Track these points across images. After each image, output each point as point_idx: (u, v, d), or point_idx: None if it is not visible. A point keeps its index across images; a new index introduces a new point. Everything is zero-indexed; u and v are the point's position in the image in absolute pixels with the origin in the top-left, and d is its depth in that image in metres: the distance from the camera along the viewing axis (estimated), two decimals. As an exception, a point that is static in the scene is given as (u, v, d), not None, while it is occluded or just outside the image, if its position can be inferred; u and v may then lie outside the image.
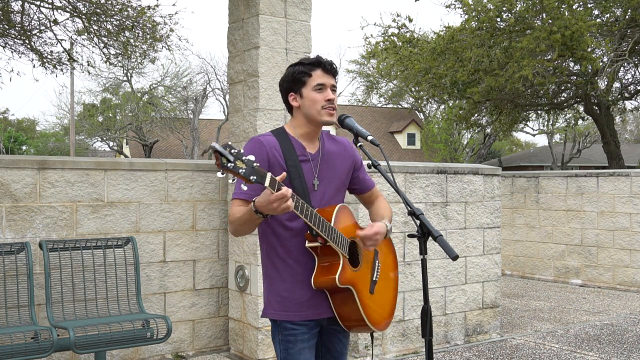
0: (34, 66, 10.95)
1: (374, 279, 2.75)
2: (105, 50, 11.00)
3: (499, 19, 12.98)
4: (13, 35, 10.54)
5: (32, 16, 10.37)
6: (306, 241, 2.64)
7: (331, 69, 2.73)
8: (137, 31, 10.62)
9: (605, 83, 13.60)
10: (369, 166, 2.79)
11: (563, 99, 16.28)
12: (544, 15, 12.43)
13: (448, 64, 13.99)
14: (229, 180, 2.29)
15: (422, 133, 35.53)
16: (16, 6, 10.29)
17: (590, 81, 13.16)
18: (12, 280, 4.83)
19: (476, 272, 6.45)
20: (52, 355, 4.89)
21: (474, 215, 6.44)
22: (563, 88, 15.59)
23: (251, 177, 2.26)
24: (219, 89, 33.12)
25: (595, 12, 13.21)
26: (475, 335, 6.41)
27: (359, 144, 2.80)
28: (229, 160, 2.22)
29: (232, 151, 2.24)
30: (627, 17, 12.91)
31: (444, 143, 30.32)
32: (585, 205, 9.92)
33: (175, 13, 14.62)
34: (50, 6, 9.94)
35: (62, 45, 11.09)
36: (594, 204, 9.81)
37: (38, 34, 10.75)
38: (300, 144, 2.73)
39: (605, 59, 13.11)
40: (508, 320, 7.38)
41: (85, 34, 10.80)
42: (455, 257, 2.41)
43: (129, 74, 28.68)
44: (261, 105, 5.38)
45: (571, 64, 14.46)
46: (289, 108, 2.79)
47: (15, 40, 10.71)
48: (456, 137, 31.07)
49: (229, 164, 2.22)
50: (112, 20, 10.32)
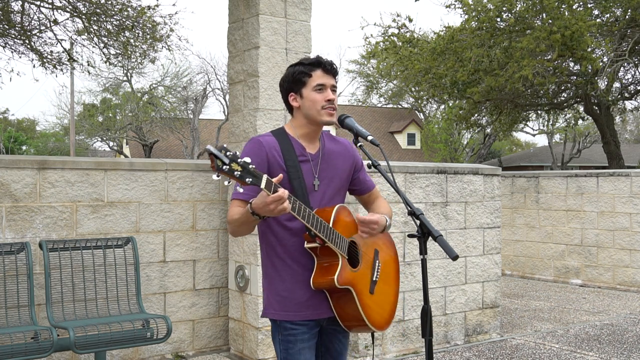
0: (34, 66, 10.96)
1: (374, 279, 2.75)
2: (105, 50, 11.00)
3: (499, 19, 12.98)
4: (13, 35, 10.55)
5: (32, 16, 10.38)
6: (305, 242, 2.65)
7: (331, 69, 2.73)
8: (137, 31, 10.62)
9: (605, 83, 13.59)
10: (369, 166, 2.78)
11: (563, 99, 16.28)
12: (544, 15, 12.43)
13: (448, 64, 13.99)
14: (225, 183, 2.29)
15: (422, 133, 35.53)
16: (16, 6, 10.29)
17: (590, 81, 13.16)
18: (12, 280, 4.83)
19: (476, 272, 6.45)
20: (52, 355, 4.89)
21: (474, 215, 6.44)
22: (563, 88, 15.59)
23: (247, 179, 2.26)
24: (219, 89, 33.15)
25: (595, 12, 13.21)
26: (475, 335, 6.41)
27: (359, 144, 2.80)
28: (224, 163, 2.21)
29: (228, 153, 2.23)
30: (627, 17, 12.91)
31: (444, 143, 30.31)
32: (585, 205, 9.92)
33: (175, 13, 14.62)
34: (50, 6, 9.94)
35: (62, 45, 11.10)
36: (594, 204, 9.81)
37: (38, 34, 10.75)
38: (300, 144, 2.73)
39: (605, 59, 13.11)
40: (508, 320, 7.38)
41: (85, 34, 10.80)
42: (455, 257, 2.40)
43: (129, 74, 28.69)
44: (261, 105, 5.38)
45: (571, 64, 14.45)
46: (289, 108, 2.79)
47: (15, 40, 10.71)
48: (456, 137, 31.07)
49: (224, 167, 2.22)
50: (112, 20, 10.32)
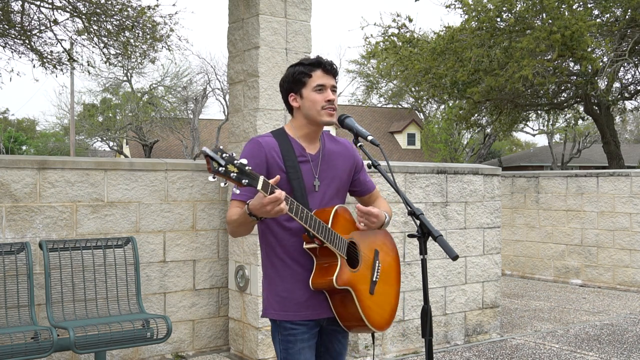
0: (34, 66, 10.96)
1: (374, 279, 2.74)
2: (105, 50, 11.00)
3: (499, 19, 12.98)
4: (13, 35, 10.55)
5: (32, 16, 10.38)
6: (304, 242, 2.65)
7: (331, 69, 2.73)
8: (137, 31, 10.62)
9: (605, 83, 13.59)
10: (369, 166, 2.78)
11: (563, 99, 16.28)
12: (544, 15, 12.43)
13: (448, 64, 13.99)
14: (221, 184, 2.29)
15: (422, 133, 35.53)
16: (16, 6, 10.30)
17: (590, 81, 13.16)
18: (12, 280, 4.83)
19: (476, 272, 6.45)
20: (52, 355, 4.89)
21: (474, 215, 6.44)
22: (563, 88, 15.59)
23: (243, 181, 2.26)
24: (219, 89, 33.17)
25: (595, 12, 13.21)
26: (475, 335, 6.41)
27: (359, 144, 2.80)
28: (220, 165, 2.22)
29: (224, 155, 2.23)
30: (627, 17, 12.91)
31: (444, 143, 30.31)
32: (585, 205, 9.92)
33: (175, 13, 14.63)
34: (50, 6, 9.94)
35: (62, 45, 11.10)
36: (594, 204, 9.81)
37: (38, 34, 10.75)
38: (299, 145, 2.73)
39: (605, 59, 13.11)
40: (508, 320, 7.38)
41: (85, 34, 10.80)
42: (455, 257, 2.40)
43: (129, 74, 28.69)
44: (261, 105, 5.38)
45: (571, 64, 14.45)
46: (289, 109, 2.79)
47: (15, 40, 10.71)
48: (456, 137, 31.07)
49: (220, 168, 2.22)
50: (112, 20, 10.32)
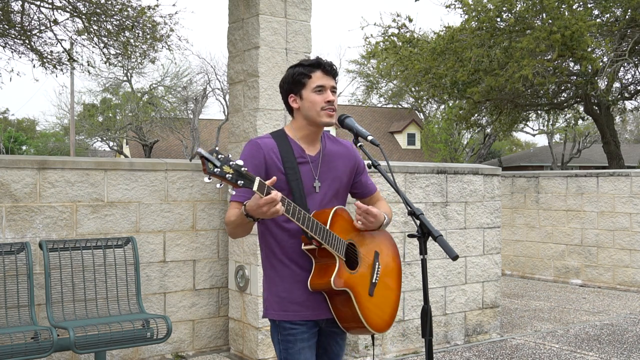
0: (34, 66, 10.96)
1: (374, 281, 2.73)
2: (105, 50, 11.00)
3: (499, 19, 12.98)
4: (13, 35, 10.55)
5: (32, 16, 10.38)
6: (302, 243, 2.65)
7: (331, 70, 2.72)
8: (137, 31, 10.62)
9: (605, 83, 13.59)
10: (369, 166, 2.78)
11: (563, 99, 16.28)
12: (544, 15, 12.43)
13: (448, 64, 13.99)
14: (217, 185, 2.30)
15: (422, 133, 35.53)
16: (16, 6, 10.30)
17: (590, 81, 13.16)
18: (12, 280, 4.83)
19: (476, 272, 6.45)
20: (52, 355, 4.89)
21: (474, 215, 6.44)
22: (563, 88, 15.59)
23: (239, 182, 2.26)
24: (219, 89, 33.16)
25: (595, 12, 13.21)
26: (475, 335, 6.41)
27: (359, 144, 2.79)
28: (215, 166, 2.22)
29: (219, 156, 2.24)
30: (627, 17, 12.91)
31: (444, 143, 30.31)
32: (585, 205, 9.92)
33: (175, 13, 14.63)
34: (50, 6, 9.94)
35: (62, 45, 11.10)
36: (594, 204, 9.81)
37: (38, 34, 10.75)
38: (299, 146, 2.73)
39: (605, 59, 13.11)
40: (508, 320, 7.38)
41: (85, 34, 10.81)
42: (455, 257, 2.40)
43: (129, 74, 28.70)
44: (261, 105, 5.38)
45: (571, 64, 14.45)
46: (290, 110, 2.78)
47: (15, 40, 10.71)
48: (456, 137, 31.07)
49: (215, 169, 2.22)
50: (112, 20, 10.33)
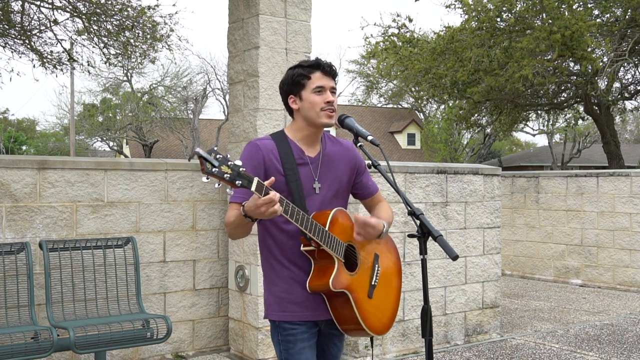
0: (34, 66, 10.96)
1: (373, 283, 2.72)
2: (105, 50, 11.00)
3: (499, 19, 12.98)
4: (13, 35, 10.55)
5: (32, 16, 10.38)
6: (301, 244, 2.65)
7: (330, 71, 2.72)
8: (137, 31, 10.62)
9: (605, 83, 13.60)
10: (369, 166, 2.78)
11: (563, 99, 16.28)
12: (544, 15, 12.43)
13: (448, 64, 13.99)
14: (215, 185, 2.30)
15: (422, 133, 35.54)
16: (16, 6, 10.30)
17: (590, 81, 13.16)
18: (12, 280, 4.83)
19: (476, 272, 6.45)
20: (52, 355, 4.89)
21: (474, 215, 6.44)
22: (563, 88, 15.59)
23: (237, 182, 2.26)
24: (219, 89, 33.17)
25: (595, 12, 13.21)
26: (475, 335, 6.41)
27: (359, 144, 2.79)
28: (214, 166, 2.22)
29: (217, 156, 2.24)
30: (627, 17, 12.91)
31: (444, 143, 30.32)
32: (585, 205, 9.92)
33: (175, 13, 14.62)
34: (50, 6, 9.94)
35: (62, 45, 11.10)
36: (594, 204, 9.81)
37: (38, 34, 10.75)
38: (298, 147, 2.73)
39: (605, 59, 13.11)
40: (508, 320, 7.38)
41: (85, 34, 10.81)
42: (455, 257, 2.40)
43: (129, 74, 28.70)
44: (261, 105, 5.38)
45: (571, 64, 14.45)
46: (290, 111, 2.79)
47: (15, 40, 10.71)
48: (456, 137, 31.07)
49: (214, 169, 2.22)
50: (112, 20, 10.33)
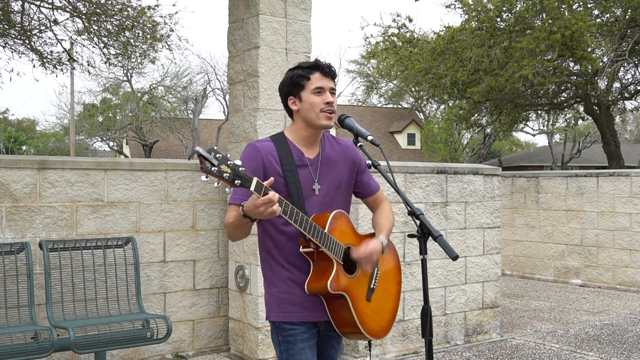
0: (34, 66, 10.96)
1: (372, 286, 2.72)
2: (105, 50, 11.01)
3: (499, 19, 12.98)
4: (13, 35, 10.55)
5: (32, 16, 10.38)
6: (300, 246, 2.65)
7: (330, 71, 2.72)
8: (137, 31, 10.62)
9: (605, 83, 13.60)
10: (369, 166, 2.78)
11: (563, 99, 16.28)
12: (544, 15, 12.43)
13: (448, 64, 13.99)
14: (214, 184, 2.31)
15: (422, 133, 35.54)
16: (16, 6, 10.30)
17: (590, 81, 13.16)
18: (12, 280, 4.83)
19: (476, 272, 6.45)
20: (52, 355, 4.89)
21: (474, 215, 6.44)
22: (563, 88, 15.59)
23: (236, 181, 2.27)
24: (219, 89, 33.17)
25: (595, 12, 13.21)
26: (475, 335, 6.41)
27: (359, 144, 2.80)
28: (213, 165, 2.23)
29: (217, 155, 2.25)
30: (627, 17, 12.91)
31: (444, 143, 30.32)
32: (585, 205, 9.92)
33: (175, 13, 14.61)
34: (50, 6, 9.94)
35: (62, 45, 11.10)
36: (594, 204, 9.81)
37: (38, 34, 10.75)
38: (298, 149, 2.73)
39: (605, 59, 13.12)
40: (508, 320, 7.38)
41: (85, 34, 10.81)
42: (455, 257, 2.40)
43: (129, 74, 28.71)
44: (261, 105, 5.38)
45: (571, 64, 14.46)
46: (289, 112, 2.79)
47: (15, 40, 10.71)
48: (456, 137, 31.07)
49: (213, 168, 2.23)
50: (112, 20, 10.33)
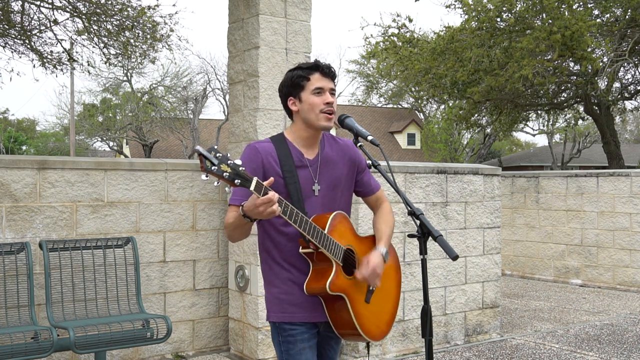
0: (34, 66, 10.97)
1: (371, 288, 2.72)
2: (105, 50, 11.01)
3: (499, 19, 12.98)
4: (13, 35, 10.55)
5: (32, 16, 10.39)
6: (300, 247, 2.65)
7: (329, 72, 2.72)
8: (137, 31, 10.62)
9: (605, 83, 13.60)
10: (369, 166, 2.78)
11: (563, 99, 16.28)
12: (544, 15, 12.44)
13: (448, 64, 14.00)
14: (214, 184, 2.32)
15: (422, 133, 35.54)
16: (16, 6, 10.30)
17: (590, 81, 13.16)
18: (12, 280, 4.83)
19: (476, 272, 6.45)
20: (52, 355, 4.89)
21: (474, 215, 6.44)
22: (563, 88, 15.59)
23: (236, 181, 2.27)
24: (219, 89, 33.18)
25: (595, 12, 13.22)
26: (475, 335, 6.41)
27: (359, 144, 2.80)
28: (213, 164, 2.23)
29: (217, 155, 2.25)
30: (627, 17, 12.91)
31: (444, 143, 30.32)
32: (585, 205, 9.92)
33: (175, 13, 14.59)
34: (50, 6, 9.94)
35: (62, 45, 11.10)
36: (594, 204, 9.81)
37: (38, 34, 10.76)
38: (298, 150, 2.73)
39: (605, 59, 13.12)
40: (508, 320, 7.38)
41: (85, 34, 10.81)
42: (455, 257, 2.40)
43: (129, 74, 28.72)
44: (261, 105, 5.38)
45: (571, 64, 14.46)
46: (289, 113, 2.79)
47: (15, 40, 10.71)
48: (456, 137, 31.08)
49: (213, 167, 2.23)
50: (112, 20, 10.33)
